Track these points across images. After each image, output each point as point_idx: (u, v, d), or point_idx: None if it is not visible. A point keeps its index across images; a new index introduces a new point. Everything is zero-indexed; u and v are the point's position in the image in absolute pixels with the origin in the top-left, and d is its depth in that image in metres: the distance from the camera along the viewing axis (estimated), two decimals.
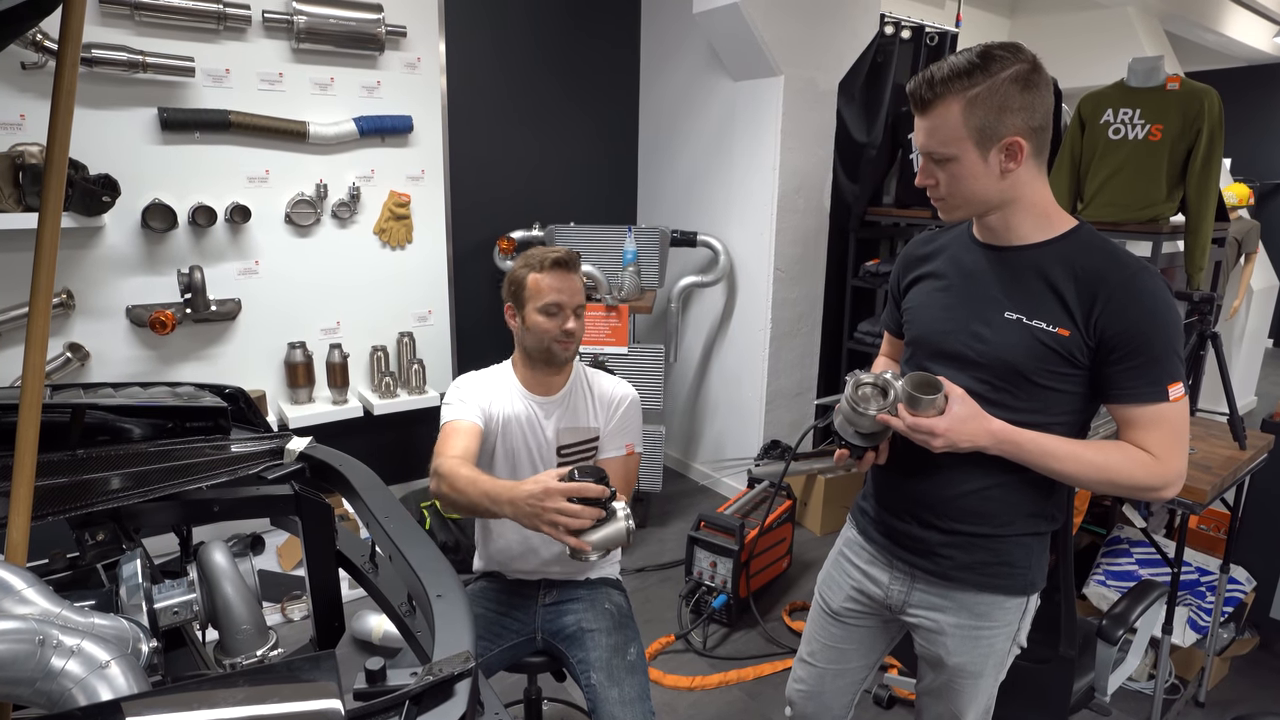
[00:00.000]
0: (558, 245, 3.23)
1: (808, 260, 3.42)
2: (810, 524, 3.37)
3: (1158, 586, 1.72)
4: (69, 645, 0.81)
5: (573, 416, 1.65)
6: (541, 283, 1.56)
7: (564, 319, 1.56)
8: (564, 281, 1.56)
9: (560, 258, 1.56)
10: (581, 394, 1.67)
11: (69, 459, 1.21)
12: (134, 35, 2.38)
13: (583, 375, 1.70)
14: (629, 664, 1.52)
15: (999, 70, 1.05)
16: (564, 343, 1.58)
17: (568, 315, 1.57)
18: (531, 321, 1.57)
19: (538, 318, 1.56)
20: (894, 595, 1.33)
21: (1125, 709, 2.21)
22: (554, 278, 1.56)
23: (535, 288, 1.56)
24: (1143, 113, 2.75)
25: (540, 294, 1.55)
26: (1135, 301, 1.07)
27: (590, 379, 1.70)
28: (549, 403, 1.64)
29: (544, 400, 1.64)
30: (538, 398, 1.64)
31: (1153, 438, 1.10)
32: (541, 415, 1.63)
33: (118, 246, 2.49)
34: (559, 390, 1.65)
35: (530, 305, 1.57)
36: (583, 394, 1.67)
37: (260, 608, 1.14)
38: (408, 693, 0.66)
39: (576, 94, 3.59)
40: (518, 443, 1.63)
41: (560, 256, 1.57)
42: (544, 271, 1.56)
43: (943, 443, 1.11)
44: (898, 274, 1.36)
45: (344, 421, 2.88)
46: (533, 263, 1.58)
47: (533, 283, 1.56)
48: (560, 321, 1.56)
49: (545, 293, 1.55)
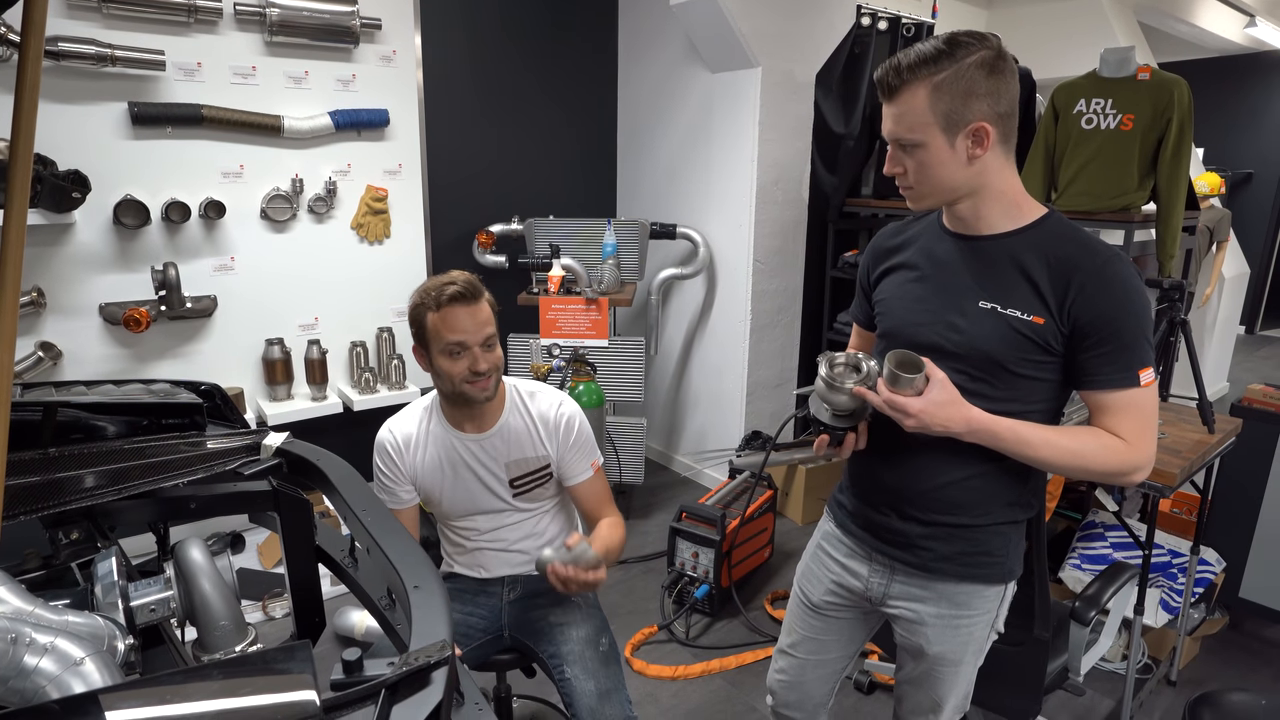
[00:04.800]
0: (537, 239, 3.26)
1: (787, 251, 3.44)
2: (792, 513, 3.39)
3: (1129, 569, 1.76)
4: (42, 643, 0.81)
5: (517, 448, 1.55)
6: (439, 322, 1.40)
7: (472, 359, 1.42)
8: (465, 318, 1.40)
9: (458, 290, 1.39)
10: (520, 420, 1.56)
11: (41, 458, 1.19)
12: (102, 28, 2.34)
13: (517, 398, 1.58)
14: (602, 654, 1.51)
15: (964, 56, 1.06)
16: (476, 384, 1.44)
17: (475, 355, 1.42)
18: (438, 365, 1.43)
19: (443, 360, 1.42)
20: (874, 588, 1.34)
21: (1099, 689, 2.26)
22: (453, 314, 1.40)
23: (434, 329, 1.41)
24: (1114, 103, 2.78)
25: (439, 335, 1.41)
26: (1107, 288, 1.08)
27: (526, 400, 1.58)
28: (486, 439, 1.54)
29: (480, 438, 1.54)
30: (471, 436, 1.54)
31: (1124, 423, 1.12)
32: (482, 454, 1.55)
33: (89, 243, 2.45)
34: (493, 424, 1.54)
35: (434, 347, 1.42)
36: (522, 420, 1.56)
37: (239, 604, 1.14)
38: (384, 682, 0.66)
39: (554, 86, 3.57)
40: (468, 487, 1.57)
41: (458, 289, 1.39)
42: (440, 309, 1.40)
43: (915, 423, 1.11)
44: (866, 266, 1.36)
45: (324, 418, 2.87)
46: (428, 300, 1.41)
47: (431, 323, 1.41)
48: (468, 362, 1.42)
49: (444, 333, 1.40)
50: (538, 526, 1.65)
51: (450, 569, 1.70)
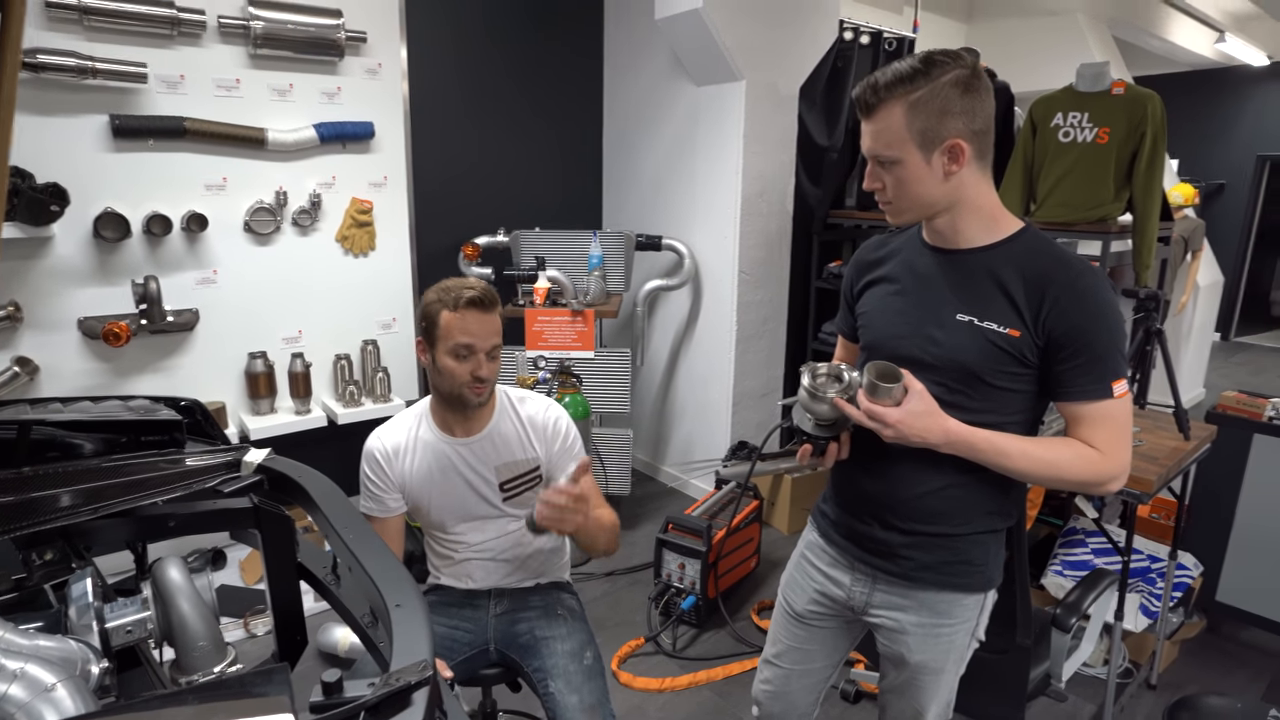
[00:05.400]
0: (523, 251, 3.26)
1: (772, 263, 3.46)
2: (778, 523, 3.40)
3: (1108, 575, 1.78)
4: (11, 669, 0.80)
5: (507, 450, 1.58)
6: (454, 322, 1.44)
7: (476, 364, 1.46)
8: (479, 323, 1.45)
9: (476, 296, 1.45)
10: (510, 423, 1.60)
11: (15, 477, 1.18)
12: (83, 40, 2.33)
13: (507, 403, 1.61)
14: (586, 669, 1.51)
15: (939, 75, 1.07)
16: (475, 388, 1.48)
17: (480, 360, 1.47)
18: (442, 363, 1.47)
19: (448, 360, 1.46)
20: (856, 597, 1.35)
21: (1081, 694, 2.27)
22: (468, 318, 1.44)
23: (447, 327, 1.45)
24: (1090, 116, 2.83)
25: (451, 334, 1.45)
26: (1080, 302, 1.10)
27: (516, 405, 1.62)
28: (475, 442, 1.56)
29: (469, 442, 1.56)
30: (462, 440, 1.56)
31: (1098, 433, 1.13)
32: (471, 458, 1.57)
33: (68, 257, 2.42)
34: (482, 428, 1.57)
35: (441, 345, 1.46)
36: (511, 423, 1.60)
37: (218, 623, 1.12)
38: (364, 704, 0.65)
39: (540, 99, 3.58)
40: (457, 492, 1.58)
41: (476, 295, 1.45)
42: (457, 310, 1.44)
43: (893, 434, 1.13)
44: (850, 279, 1.37)
45: (308, 431, 2.84)
46: (447, 299, 1.45)
47: (445, 321, 1.45)
48: (472, 366, 1.46)
49: (456, 334, 1.44)
50: (525, 535, 1.65)
51: (437, 580, 1.69)
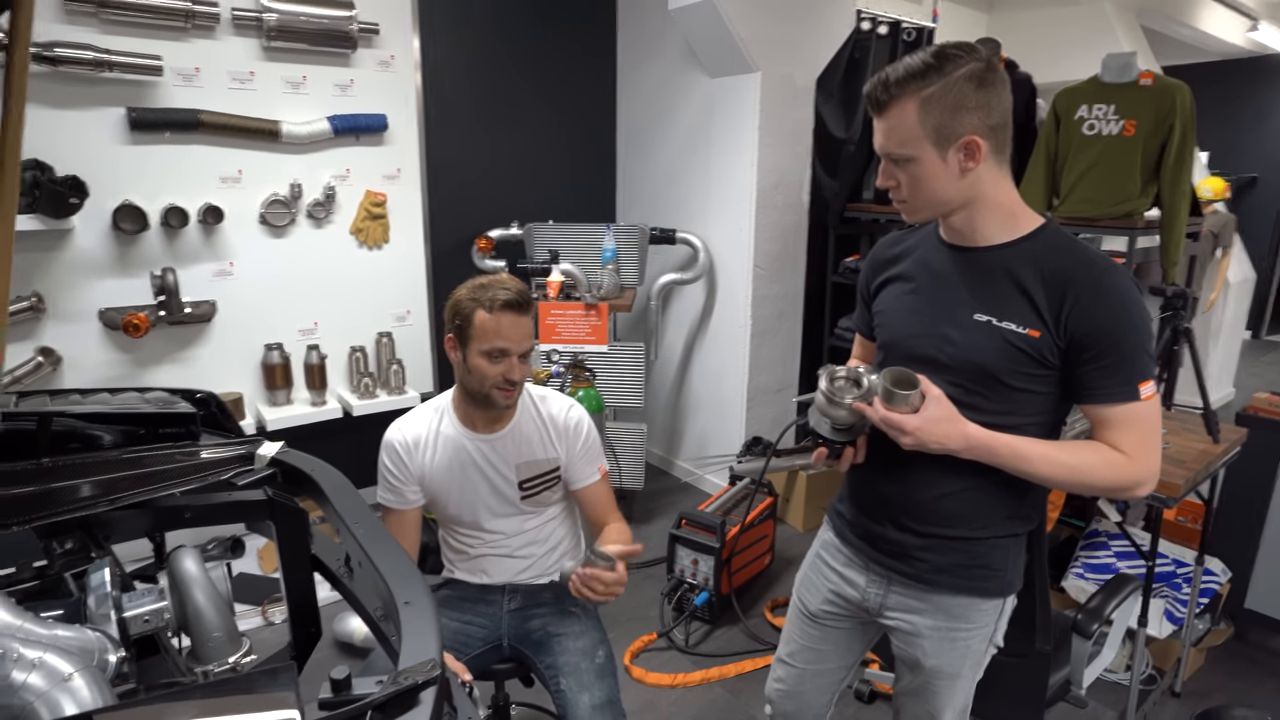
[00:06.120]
0: (537, 244, 3.25)
1: (787, 257, 3.43)
2: (793, 520, 3.38)
3: (1132, 580, 1.74)
4: (30, 659, 0.80)
5: (528, 449, 1.57)
6: (489, 324, 1.44)
7: (508, 367, 1.46)
8: (514, 326, 1.45)
9: (513, 299, 1.44)
10: (532, 421, 1.59)
11: (35, 468, 1.19)
12: (99, 34, 2.34)
13: (529, 401, 1.60)
14: (598, 667, 1.50)
15: (953, 70, 1.04)
16: (505, 390, 1.48)
17: (513, 363, 1.46)
18: (474, 363, 1.46)
19: (480, 361, 1.45)
20: (871, 598, 1.33)
21: (1103, 700, 2.24)
22: (503, 320, 1.44)
23: (482, 328, 1.44)
24: (1116, 108, 2.77)
25: (486, 336, 1.44)
26: (1103, 301, 1.06)
27: (537, 403, 1.61)
28: (497, 439, 1.56)
29: (491, 438, 1.56)
30: (484, 436, 1.55)
31: (1125, 437, 1.10)
32: (492, 455, 1.56)
33: (88, 249, 2.45)
34: (505, 426, 1.56)
35: (474, 345, 1.45)
36: (533, 421, 1.59)
37: (232, 614, 1.13)
38: (370, 702, 0.65)
39: (553, 91, 3.57)
40: (476, 488, 1.57)
41: (513, 297, 1.44)
42: (494, 312, 1.43)
43: (911, 440, 1.10)
44: (866, 276, 1.35)
45: (323, 423, 2.86)
46: (483, 299, 1.44)
47: (480, 322, 1.44)
48: (504, 369, 1.46)
49: (491, 336, 1.44)
50: (541, 533, 1.65)
51: (451, 574, 1.69)
